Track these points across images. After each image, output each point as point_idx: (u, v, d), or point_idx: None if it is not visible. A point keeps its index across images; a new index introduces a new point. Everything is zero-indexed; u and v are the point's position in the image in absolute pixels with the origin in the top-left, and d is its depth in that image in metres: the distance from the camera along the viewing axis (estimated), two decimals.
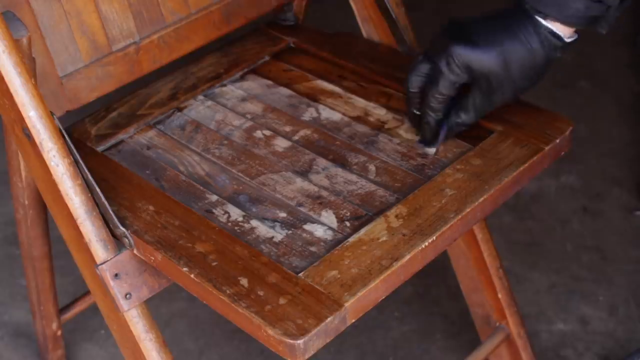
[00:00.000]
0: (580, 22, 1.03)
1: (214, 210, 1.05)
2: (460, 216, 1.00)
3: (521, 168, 1.06)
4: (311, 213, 1.04)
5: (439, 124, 1.09)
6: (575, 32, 1.04)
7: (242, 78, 1.27)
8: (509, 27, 1.03)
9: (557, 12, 1.02)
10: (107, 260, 1.01)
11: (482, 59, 1.02)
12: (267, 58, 1.30)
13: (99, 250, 1.01)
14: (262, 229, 1.02)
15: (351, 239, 0.98)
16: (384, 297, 0.95)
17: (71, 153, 1.00)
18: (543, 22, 1.03)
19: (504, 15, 1.05)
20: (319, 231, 1.01)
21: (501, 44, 1.02)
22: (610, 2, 1.01)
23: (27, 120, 0.97)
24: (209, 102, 1.22)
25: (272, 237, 1.01)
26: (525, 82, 1.05)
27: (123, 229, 1.01)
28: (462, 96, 1.07)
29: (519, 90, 1.06)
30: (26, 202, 1.25)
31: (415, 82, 1.08)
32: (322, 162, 1.11)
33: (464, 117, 1.08)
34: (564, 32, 1.03)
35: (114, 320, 1.06)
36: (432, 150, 1.10)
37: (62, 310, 1.43)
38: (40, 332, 1.45)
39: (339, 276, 0.93)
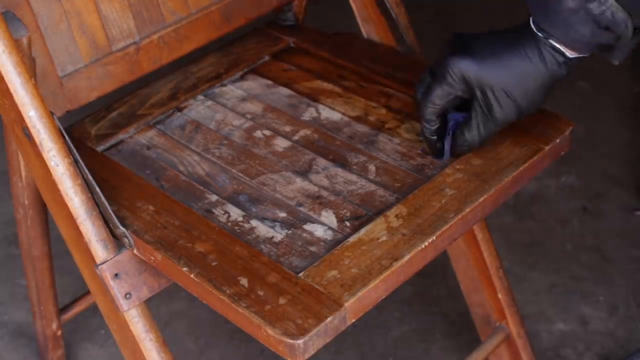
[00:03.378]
0: (586, 48, 0.98)
1: (214, 210, 1.05)
2: (460, 216, 1.00)
3: (521, 168, 1.06)
4: (311, 213, 1.04)
5: (439, 137, 1.07)
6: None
7: (242, 78, 1.27)
8: (511, 42, 1.00)
9: (563, 34, 0.97)
10: (107, 260, 1.01)
11: (478, 69, 1.00)
12: (267, 58, 1.30)
13: (99, 250, 1.01)
14: (262, 229, 1.02)
15: (351, 239, 0.98)
16: (384, 297, 0.95)
17: (71, 153, 1.00)
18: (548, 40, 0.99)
19: (509, 31, 1.02)
20: (319, 231, 1.01)
21: (500, 57, 1.00)
22: (620, 32, 0.95)
23: (27, 120, 0.97)
24: (209, 102, 1.22)
25: (272, 237, 1.01)
26: (526, 97, 1.01)
27: (123, 229, 1.01)
28: (468, 115, 1.05)
29: (522, 107, 1.02)
30: (26, 202, 1.25)
31: (420, 93, 1.07)
32: (322, 162, 1.11)
33: (467, 135, 1.04)
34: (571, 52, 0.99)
35: (114, 320, 1.06)
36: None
37: (62, 310, 1.43)
38: (40, 332, 1.45)
39: (339, 276, 0.93)
